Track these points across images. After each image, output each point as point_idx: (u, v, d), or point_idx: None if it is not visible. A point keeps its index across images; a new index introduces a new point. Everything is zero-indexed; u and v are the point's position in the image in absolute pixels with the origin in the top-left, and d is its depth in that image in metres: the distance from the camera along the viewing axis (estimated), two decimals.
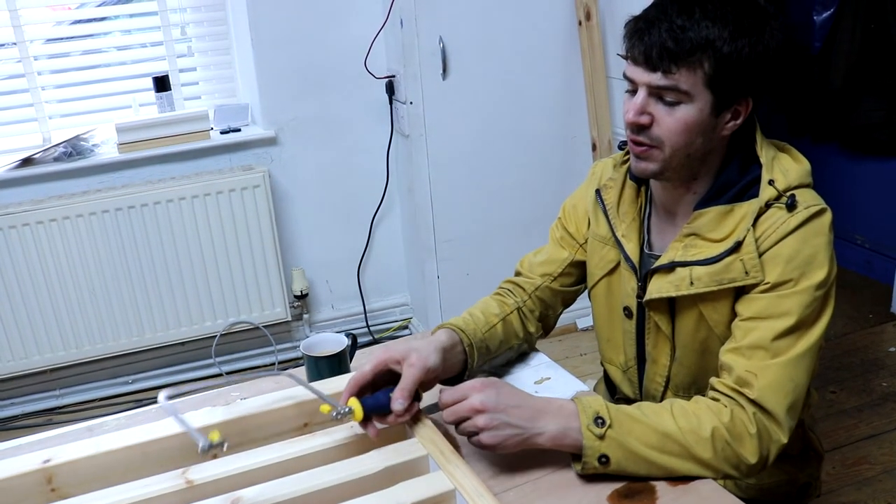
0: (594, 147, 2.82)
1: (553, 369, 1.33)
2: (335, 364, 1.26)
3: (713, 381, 1.12)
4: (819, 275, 1.09)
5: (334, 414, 1.02)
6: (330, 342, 1.30)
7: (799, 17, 3.11)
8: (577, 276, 1.40)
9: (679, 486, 1.02)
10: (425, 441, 1.05)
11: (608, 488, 1.03)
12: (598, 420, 1.03)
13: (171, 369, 2.91)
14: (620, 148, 1.35)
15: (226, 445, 0.91)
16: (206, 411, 1.14)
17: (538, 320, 1.38)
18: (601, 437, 1.02)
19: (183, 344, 2.87)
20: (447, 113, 2.70)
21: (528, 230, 2.77)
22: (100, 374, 2.86)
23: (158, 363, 2.90)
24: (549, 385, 1.29)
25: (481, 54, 2.67)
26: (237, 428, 1.10)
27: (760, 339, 1.09)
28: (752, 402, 1.07)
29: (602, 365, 1.46)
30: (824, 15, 3.04)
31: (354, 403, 1.03)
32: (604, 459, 1.02)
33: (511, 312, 1.33)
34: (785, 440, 1.07)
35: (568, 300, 1.43)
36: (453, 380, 1.20)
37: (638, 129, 1.13)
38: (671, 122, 1.11)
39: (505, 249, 1.43)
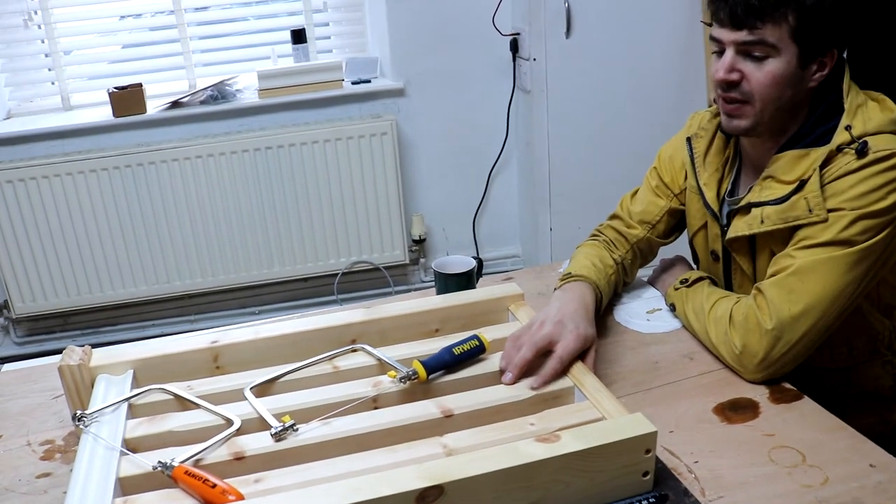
0: None
1: (663, 301, 1.41)
2: (463, 282, 1.37)
3: None
4: (870, 206, 1.10)
5: (399, 378, 1.07)
6: (459, 263, 1.41)
7: None
8: (671, 226, 1.45)
9: (782, 404, 1.09)
10: None
11: (714, 401, 1.10)
12: (684, 280, 1.32)
13: (295, 303, 3.11)
14: (716, 102, 1.39)
15: (297, 427, 0.97)
16: (346, 313, 1.27)
17: (632, 270, 1.45)
18: (675, 289, 1.32)
19: (306, 280, 3.07)
20: (569, 70, 2.76)
21: None
22: (230, 304, 3.09)
23: (283, 297, 3.11)
24: (660, 315, 1.37)
25: (604, 14, 2.72)
26: (376, 328, 1.23)
27: (788, 250, 1.15)
28: (761, 292, 1.15)
29: None
30: None
31: (418, 366, 1.08)
32: (672, 307, 1.33)
33: (618, 264, 1.39)
34: (770, 327, 1.11)
35: (657, 250, 1.48)
36: None
37: (728, 86, 1.17)
38: (760, 76, 1.14)
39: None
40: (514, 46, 2.91)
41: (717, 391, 1.13)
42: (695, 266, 1.48)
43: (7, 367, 1.58)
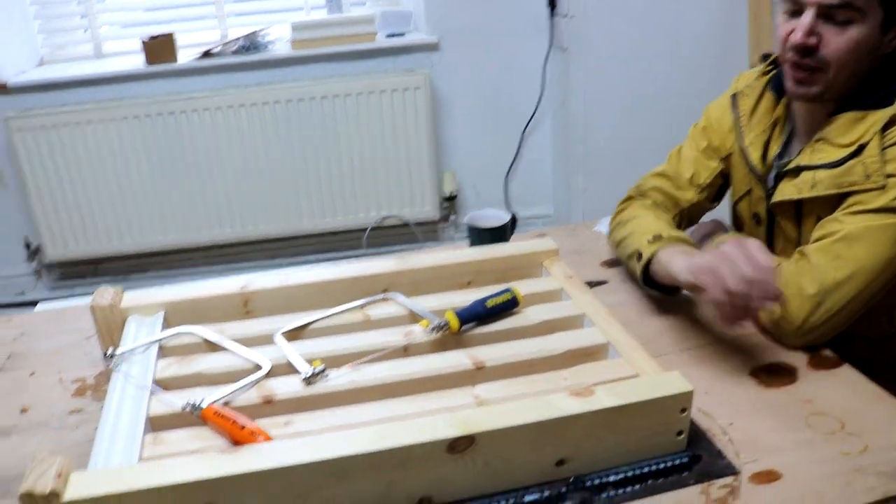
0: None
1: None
2: (497, 236, 1.35)
3: None
4: None
5: (430, 328, 1.06)
6: (493, 218, 1.39)
7: None
8: (718, 188, 1.39)
9: (821, 370, 1.07)
10: (580, 303, 1.13)
11: (751, 364, 1.08)
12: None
13: (324, 256, 3.10)
14: (763, 60, 1.33)
15: (328, 372, 0.97)
16: (377, 262, 1.26)
17: None
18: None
19: (335, 234, 3.06)
20: (607, 28, 2.71)
21: None
22: (258, 255, 3.10)
23: (311, 249, 3.11)
24: None
25: None
26: (407, 279, 1.21)
27: (836, 215, 1.10)
28: (804, 256, 1.09)
29: None
30: None
31: (451, 316, 1.07)
32: None
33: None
34: (813, 292, 1.07)
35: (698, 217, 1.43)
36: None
37: (805, 51, 1.10)
38: (841, 41, 1.08)
39: (653, 167, 1.45)
40: (552, 2, 2.85)
41: (755, 355, 1.10)
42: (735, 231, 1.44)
43: (40, 306, 1.60)
